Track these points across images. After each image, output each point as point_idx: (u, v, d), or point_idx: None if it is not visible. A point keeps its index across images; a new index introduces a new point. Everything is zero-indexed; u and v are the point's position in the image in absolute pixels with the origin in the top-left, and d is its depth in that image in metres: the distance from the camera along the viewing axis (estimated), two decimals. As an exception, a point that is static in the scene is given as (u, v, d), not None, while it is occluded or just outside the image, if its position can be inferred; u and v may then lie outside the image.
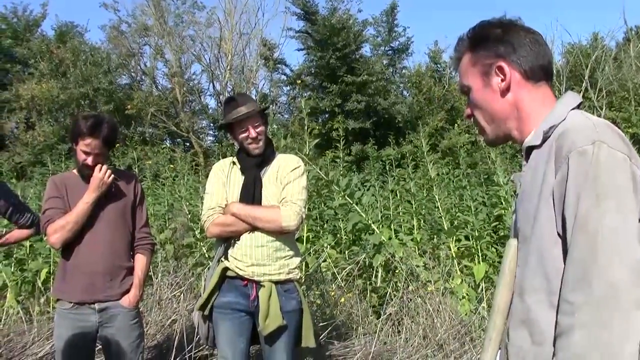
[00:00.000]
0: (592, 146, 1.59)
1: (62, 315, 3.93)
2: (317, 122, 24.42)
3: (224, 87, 26.45)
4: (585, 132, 1.63)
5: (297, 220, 3.80)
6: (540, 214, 1.70)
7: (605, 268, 1.50)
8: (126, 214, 4.07)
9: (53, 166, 10.90)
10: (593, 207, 1.55)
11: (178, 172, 10.71)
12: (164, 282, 6.79)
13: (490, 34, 1.91)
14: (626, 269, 1.50)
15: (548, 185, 1.68)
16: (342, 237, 7.57)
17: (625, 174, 1.58)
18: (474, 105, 1.97)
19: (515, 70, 1.87)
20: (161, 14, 26.56)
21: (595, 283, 1.50)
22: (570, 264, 1.57)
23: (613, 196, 1.56)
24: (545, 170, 1.70)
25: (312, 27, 24.89)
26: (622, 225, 1.54)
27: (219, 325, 3.89)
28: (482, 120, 1.96)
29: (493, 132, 1.96)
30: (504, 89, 1.88)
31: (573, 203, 1.59)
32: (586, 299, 1.51)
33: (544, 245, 1.69)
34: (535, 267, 1.71)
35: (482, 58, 1.91)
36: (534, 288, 1.70)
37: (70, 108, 23.75)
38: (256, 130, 3.90)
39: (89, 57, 25.31)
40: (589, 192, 1.56)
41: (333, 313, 6.36)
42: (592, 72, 22.51)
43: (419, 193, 8.67)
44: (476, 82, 1.94)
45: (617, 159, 1.59)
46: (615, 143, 1.61)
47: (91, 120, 3.86)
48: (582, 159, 1.59)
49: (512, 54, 1.87)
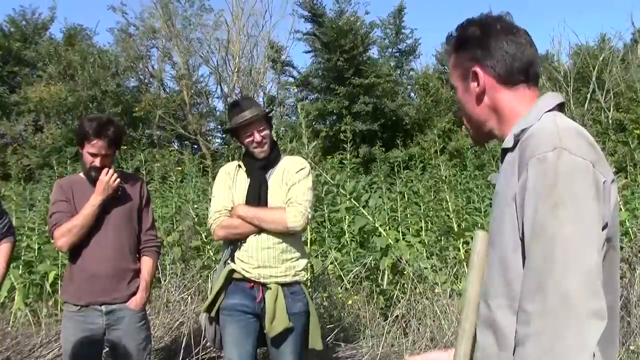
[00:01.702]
0: (552, 153, 1.57)
1: (69, 318, 3.94)
2: (325, 125, 24.42)
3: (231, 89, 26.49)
4: (547, 138, 1.62)
5: (302, 221, 3.80)
6: (504, 219, 1.69)
7: (559, 278, 1.49)
8: (132, 217, 4.08)
9: (60, 169, 10.93)
10: (549, 216, 1.54)
11: (186, 174, 10.73)
12: (172, 284, 6.80)
13: (470, 36, 1.90)
14: (581, 279, 1.49)
15: (511, 190, 1.67)
16: (348, 240, 7.56)
17: (585, 181, 1.56)
18: (460, 107, 1.99)
19: (489, 75, 1.86)
20: (169, 16, 26.60)
21: (550, 293, 1.49)
22: (527, 273, 1.57)
23: (570, 205, 1.53)
24: (511, 174, 1.69)
25: (320, 30, 24.88)
26: (578, 234, 1.52)
27: (226, 327, 3.90)
28: (465, 120, 2.00)
29: (474, 132, 1.99)
30: (479, 93, 1.88)
31: (530, 210, 1.58)
32: (541, 308, 1.50)
33: (506, 251, 1.68)
34: (497, 271, 1.70)
35: (462, 61, 1.92)
36: (497, 293, 1.69)
37: (78, 111, 23.78)
38: (261, 135, 3.91)
39: (97, 60, 25.34)
40: (545, 201, 1.55)
41: (340, 315, 6.36)
42: (599, 74, 22.45)
43: (426, 195, 8.66)
44: (458, 85, 1.96)
45: (578, 166, 1.57)
46: (578, 149, 1.59)
47: (96, 121, 3.88)
48: (540, 166, 1.58)
49: (487, 58, 1.86)
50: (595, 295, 1.49)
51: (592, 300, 1.48)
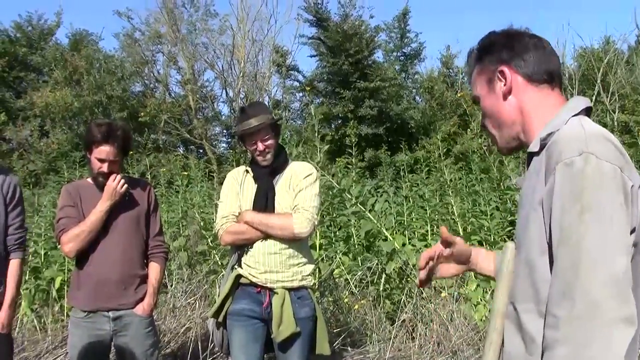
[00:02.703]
0: (579, 158, 1.57)
1: (76, 324, 3.94)
2: (330, 128, 24.41)
3: (236, 93, 26.43)
4: (574, 143, 1.62)
5: (309, 227, 3.80)
6: (531, 223, 1.69)
7: (586, 283, 1.49)
8: (140, 222, 4.08)
9: (67, 174, 10.94)
10: (576, 221, 1.54)
11: (192, 179, 10.74)
12: (178, 289, 6.81)
13: (495, 41, 1.93)
14: (608, 285, 1.49)
15: (538, 195, 1.67)
16: (355, 244, 7.56)
17: (613, 186, 1.56)
18: (484, 114, 1.98)
19: (517, 74, 1.87)
20: (174, 21, 26.59)
21: (577, 298, 1.49)
22: (555, 278, 1.57)
23: (597, 210, 1.53)
24: (537, 178, 1.70)
25: (325, 34, 24.87)
26: (605, 239, 1.52)
27: (233, 332, 3.90)
28: (491, 127, 1.97)
29: (502, 138, 1.95)
30: (506, 92, 1.88)
31: (558, 215, 1.58)
32: (569, 314, 1.50)
33: (532, 254, 1.68)
34: (525, 275, 1.71)
35: (487, 65, 1.93)
36: (524, 296, 1.70)
37: (84, 116, 23.79)
38: (264, 144, 3.92)
39: (103, 65, 25.37)
40: (572, 206, 1.55)
41: (347, 320, 6.35)
42: (604, 76, 22.39)
43: (432, 199, 8.65)
44: (483, 90, 1.95)
45: (605, 171, 1.56)
46: (606, 154, 1.59)
47: (104, 127, 3.87)
48: (568, 171, 1.58)
49: (514, 58, 1.87)
50: (624, 301, 1.49)
51: (620, 306, 1.48)
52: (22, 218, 3.91)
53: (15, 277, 3.83)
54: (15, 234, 3.83)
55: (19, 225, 3.87)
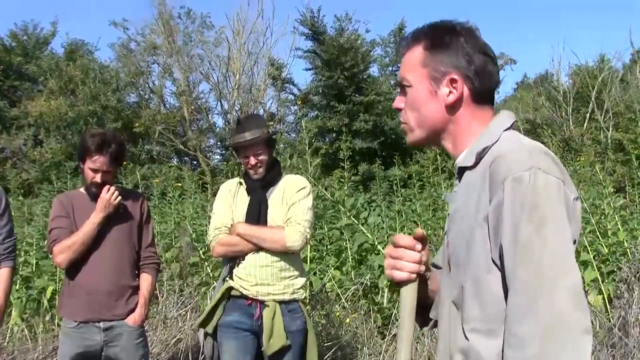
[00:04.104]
0: (527, 172, 1.55)
1: (67, 334, 3.93)
2: (325, 142, 24.47)
3: (231, 106, 26.49)
4: (521, 158, 1.59)
5: (301, 241, 3.81)
6: (475, 240, 1.64)
7: (551, 297, 1.47)
8: (132, 234, 4.08)
9: (60, 184, 10.92)
10: (534, 236, 1.51)
11: (185, 190, 10.73)
12: (170, 300, 6.80)
13: (453, 41, 1.80)
14: (572, 296, 1.48)
15: (482, 211, 1.62)
16: (347, 258, 7.56)
17: (560, 199, 1.56)
18: (410, 105, 1.86)
19: (466, 87, 1.78)
20: (170, 32, 26.65)
21: (543, 313, 1.47)
22: (515, 296, 1.53)
23: (552, 222, 1.52)
24: (480, 194, 1.65)
25: (320, 47, 24.99)
26: (563, 252, 1.52)
27: (224, 344, 3.90)
28: (413, 121, 1.87)
29: (419, 135, 1.87)
30: (451, 102, 1.79)
31: (511, 232, 1.54)
32: (535, 330, 1.47)
33: (479, 273, 1.63)
34: (471, 294, 1.65)
35: (438, 63, 1.80)
36: (471, 317, 1.65)
37: (78, 125, 23.80)
38: (257, 159, 3.93)
39: (98, 75, 25.41)
40: (528, 221, 1.52)
41: (338, 333, 6.35)
42: (598, 94, 22.53)
43: (424, 213, 8.66)
44: (421, 84, 1.83)
45: (553, 185, 1.56)
46: (550, 168, 1.58)
47: (98, 137, 3.87)
48: (518, 186, 1.55)
49: (470, 71, 1.78)
50: (585, 312, 1.49)
51: (585, 316, 1.48)
52: (10, 227, 3.90)
53: (5, 285, 3.83)
54: (5, 243, 3.82)
55: (8, 234, 3.86)
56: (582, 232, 7.11)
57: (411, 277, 1.81)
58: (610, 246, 7.02)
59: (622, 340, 5.71)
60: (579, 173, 11.51)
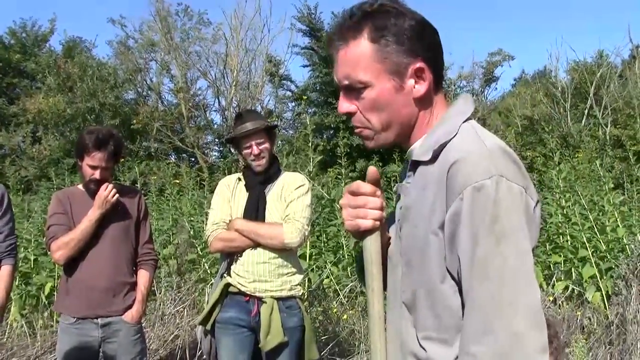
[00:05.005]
0: (489, 180, 1.43)
1: (65, 330, 3.94)
2: (322, 139, 24.45)
3: (229, 102, 26.48)
4: (482, 164, 1.46)
5: (299, 238, 3.81)
6: (429, 247, 1.54)
7: (509, 317, 1.38)
8: (130, 230, 4.08)
9: (58, 181, 10.92)
10: (492, 252, 1.41)
11: (183, 187, 10.73)
12: (167, 297, 6.80)
13: (400, 24, 1.59)
14: (529, 315, 1.39)
15: (438, 216, 1.52)
16: (344, 254, 7.57)
17: (521, 209, 1.45)
18: (371, 106, 1.65)
19: (431, 75, 1.63)
20: (168, 30, 26.66)
21: (500, 332, 1.38)
22: (471, 314, 1.44)
23: (512, 238, 1.42)
24: (436, 195, 1.53)
25: (318, 44, 24.98)
26: (522, 269, 1.42)
27: (221, 340, 3.91)
28: (377, 123, 1.67)
29: (387, 137, 1.69)
30: (422, 94, 1.63)
31: (469, 245, 1.44)
32: (490, 350, 1.38)
33: (432, 281, 1.55)
34: (425, 304, 1.57)
35: (394, 54, 1.59)
36: (425, 325, 1.58)
37: (76, 122, 23.81)
38: (259, 147, 3.92)
39: (96, 72, 25.38)
40: (487, 233, 1.42)
41: (335, 330, 6.36)
42: (597, 90, 22.55)
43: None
44: (382, 82, 1.61)
45: (515, 194, 1.45)
46: (513, 174, 1.47)
47: (96, 134, 3.87)
48: (478, 196, 1.43)
49: (431, 56, 1.62)
50: (542, 330, 1.41)
51: (541, 334, 1.40)
52: (11, 225, 3.91)
53: (6, 283, 3.83)
54: (6, 241, 3.82)
55: (9, 232, 3.87)
56: (580, 229, 7.12)
57: (375, 224, 1.66)
58: (609, 243, 7.03)
59: (620, 337, 5.72)
60: (577, 169, 11.52)
